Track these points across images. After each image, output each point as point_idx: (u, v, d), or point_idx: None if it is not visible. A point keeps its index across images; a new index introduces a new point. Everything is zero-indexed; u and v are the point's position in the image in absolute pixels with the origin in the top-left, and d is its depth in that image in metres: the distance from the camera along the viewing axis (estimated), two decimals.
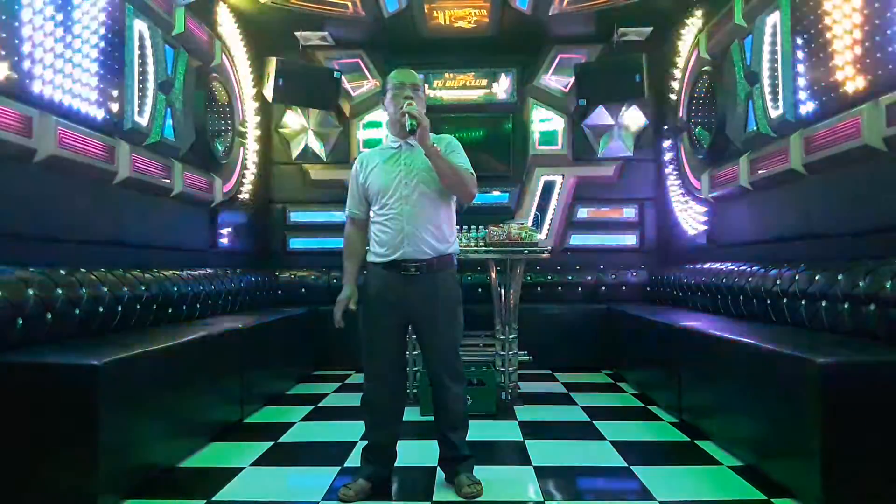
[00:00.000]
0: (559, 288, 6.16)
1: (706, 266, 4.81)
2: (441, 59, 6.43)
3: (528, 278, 5.87)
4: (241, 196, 5.70)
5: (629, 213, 6.47)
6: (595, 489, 2.87)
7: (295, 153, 6.54)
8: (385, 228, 2.62)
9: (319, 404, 4.36)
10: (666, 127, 6.09)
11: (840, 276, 3.04)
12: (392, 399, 2.73)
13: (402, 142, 2.66)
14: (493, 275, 4.34)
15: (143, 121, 3.97)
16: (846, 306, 2.97)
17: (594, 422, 3.80)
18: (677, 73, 5.78)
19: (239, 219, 5.73)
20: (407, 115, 2.47)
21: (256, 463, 3.06)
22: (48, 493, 2.33)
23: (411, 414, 3.74)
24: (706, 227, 5.26)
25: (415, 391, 4.12)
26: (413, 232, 2.57)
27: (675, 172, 5.87)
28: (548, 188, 6.42)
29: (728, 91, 4.67)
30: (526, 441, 3.41)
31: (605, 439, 3.43)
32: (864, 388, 2.31)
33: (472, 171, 2.66)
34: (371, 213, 2.73)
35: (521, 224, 4.42)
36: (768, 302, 3.67)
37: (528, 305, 4.97)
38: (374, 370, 2.69)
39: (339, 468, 2.97)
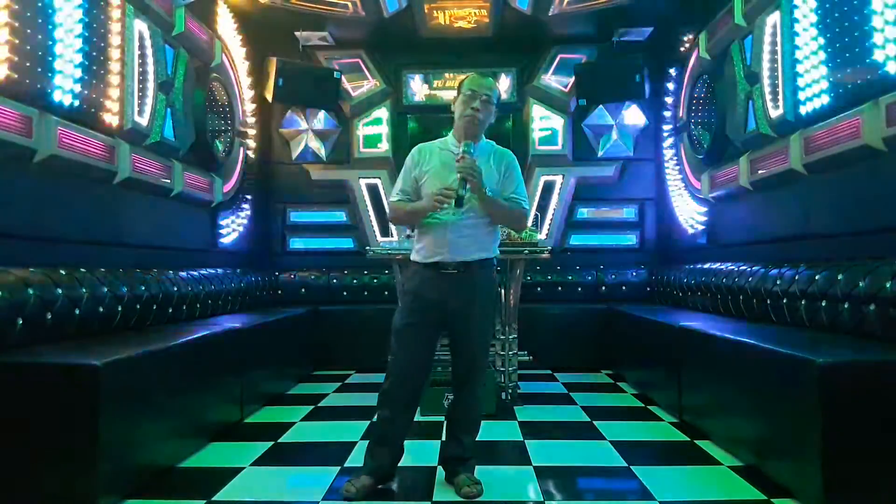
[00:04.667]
0: (559, 288, 6.16)
1: (706, 266, 4.81)
2: (441, 59, 6.43)
3: (528, 278, 5.87)
4: (240, 196, 5.70)
5: (629, 213, 6.47)
6: (595, 489, 2.87)
7: (295, 153, 6.53)
8: (428, 231, 2.66)
9: (319, 404, 4.36)
10: (666, 127, 6.08)
11: (840, 276, 3.04)
12: (411, 396, 2.72)
13: (464, 149, 2.61)
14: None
15: (143, 121, 3.97)
16: (846, 306, 2.97)
17: (594, 422, 3.80)
18: (677, 73, 5.77)
19: (239, 219, 5.72)
20: (456, 189, 2.48)
21: (256, 463, 3.06)
22: (48, 493, 2.33)
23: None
24: (706, 227, 5.26)
25: None
26: (455, 241, 2.61)
27: (675, 172, 5.87)
28: (548, 188, 6.41)
29: (728, 91, 4.67)
30: (526, 441, 3.41)
31: (605, 439, 3.43)
32: (864, 388, 2.31)
33: (526, 197, 2.72)
34: None
35: None
36: (768, 302, 3.67)
37: (528, 305, 4.97)
38: (399, 366, 2.68)
39: (339, 468, 2.97)
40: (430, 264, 2.64)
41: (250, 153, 5.90)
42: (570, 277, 6.19)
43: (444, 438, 2.81)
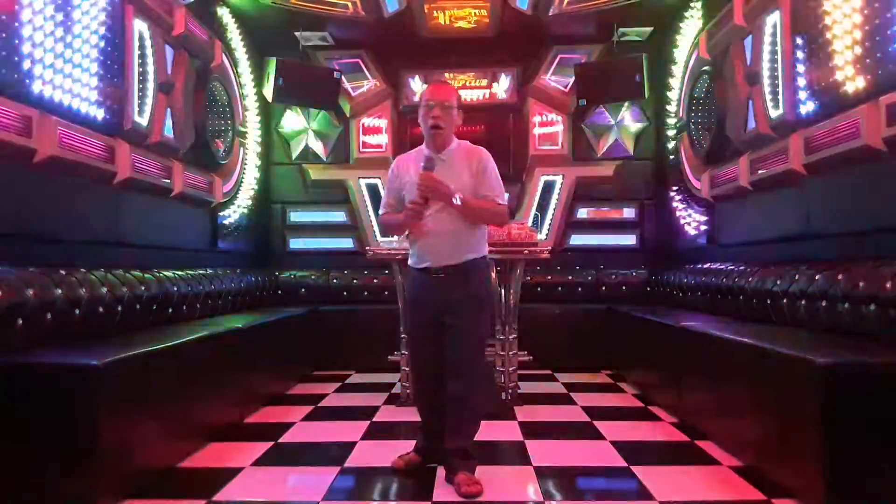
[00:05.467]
0: (559, 288, 6.16)
1: (706, 266, 4.81)
2: (441, 59, 6.42)
3: (528, 278, 5.86)
4: (240, 196, 5.70)
5: (629, 213, 6.46)
6: (595, 489, 2.87)
7: (295, 153, 6.54)
8: (416, 238, 2.80)
9: (319, 404, 4.36)
10: (666, 127, 6.08)
11: (840, 276, 3.04)
12: (433, 389, 2.85)
13: (436, 156, 2.76)
14: (494, 275, 4.33)
15: (143, 121, 3.97)
16: (846, 306, 2.96)
17: (594, 422, 3.79)
18: (677, 73, 5.77)
19: (239, 219, 5.72)
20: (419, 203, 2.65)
21: (256, 463, 3.06)
22: (48, 493, 2.33)
23: (411, 413, 3.73)
24: (706, 227, 5.26)
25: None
26: (441, 245, 2.74)
27: (675, 172, 5.87)
28: (548, 188, 6.41)
29: (728, 91, 4.67)
30: (526, 441, 3.41)
31: (605, 439, 3.43)
32: (864, 389, 2.30)
33: (501, 192, 2.79)
34: None
35: (521, 224, 4.42)
36: (768, 302, 3.67)
37: (528, 305, 4.97)
38: (417, 366, 2.97)
39: (339, 468, 2.97)
40: (422, 269, 2.79)
41: (250, 153, 5.90)
42: (570, 277, 6.19)
43: (444, 435, 2.81)
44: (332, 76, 6.17)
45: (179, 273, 4.18)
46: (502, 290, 4.31)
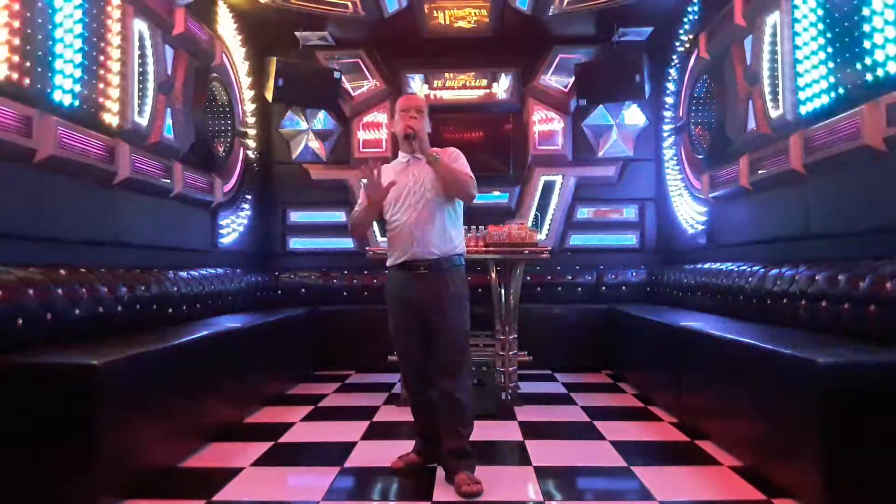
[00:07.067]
0: (559, 288, 6.15)
1: (706, 266, 4.81)
2: (441, 59, 6.42)
3: (528, 278, 5.86)
4: (240, 196, 5.70)
5: (629, 213, 6.46)
6: (595, 489, 2.87)
7: (295, 153, 6.53)
8: (397, 233, 2.87)
9: (319, 404, 4.36)
10: (666, 127, 6.08)
11: (840, 276, 3.04)
12: (421, 388, 2.91)
13: (410, 156, 2.92)
14: (493, 275, 4.34)
15: (143, 121, 3.97)
16: (846, 306, 2.96)
17: (594, 422, 3.80)
18: (677, 74, 5.77)
19: (239, 219, 5.72)
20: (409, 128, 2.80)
21: (256, 463, 3.06)
22: (48, 494, 2.33)
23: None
24: (706, 227, 5.26)
25: None
26: (421, 235, 2.80)
27: (675, 172, 5.87)
28: (548, 188, 6.41)
29: (728, 91, 4.67)
30: (526, 441, 3.41)
31: (605, 439, 3.43)
32: (864, 389, 2.31)
33: (472, 175, 2.88)
34: (385, 221, 2.96)
35: (521, 224, 4.42)
36: (768, 302, 3.67)
37: (528, 305, 4.97)
38: (405, 366, 2.96)
39: (339, 468, 2.97)
40: (402, 266, 2.84)
41: (250, 153, 5.90)
42: (570, 277, 6.18)
43: (441, 436, 2.81)
44: (332, 76, 6.17)
45: (179, 273, 4.19)
46: (502, 290, 4.31)
